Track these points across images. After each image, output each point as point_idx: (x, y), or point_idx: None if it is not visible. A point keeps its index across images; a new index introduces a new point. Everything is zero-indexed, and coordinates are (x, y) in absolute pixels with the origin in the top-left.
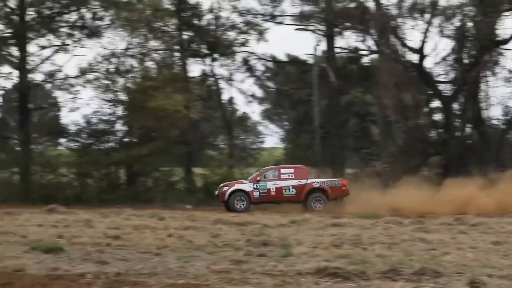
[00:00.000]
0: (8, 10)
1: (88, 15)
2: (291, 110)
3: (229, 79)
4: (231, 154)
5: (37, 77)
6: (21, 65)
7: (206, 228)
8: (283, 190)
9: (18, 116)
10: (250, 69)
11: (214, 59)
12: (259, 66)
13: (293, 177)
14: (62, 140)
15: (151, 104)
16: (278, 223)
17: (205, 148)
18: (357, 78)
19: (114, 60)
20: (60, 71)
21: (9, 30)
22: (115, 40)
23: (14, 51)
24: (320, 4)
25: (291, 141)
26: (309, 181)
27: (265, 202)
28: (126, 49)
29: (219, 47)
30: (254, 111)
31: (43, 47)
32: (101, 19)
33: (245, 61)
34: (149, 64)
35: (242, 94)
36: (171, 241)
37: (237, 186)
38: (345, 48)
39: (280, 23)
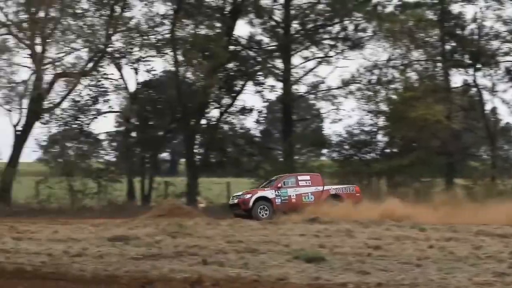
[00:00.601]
0: (273, 23)
1: (351, 27)
2: None
3: (492, 89)
4: (494, 165)
5: (301, 88)
6: (285, 77)
7: (467, 239)
8: (303, 197)
9: (282, 127)
10: None
11: (477, 69)
12: None
13: (310, 184)
14: (324, 151)
15: (412, 115)
16: None
17: (467, 158)
18: None
19: (376, 71)
20: (323, 82)
21: (274, 43)
22: (377, 51)
23: (279, 63)
24: None
25: None
26: (326, 187)
27: (286, 209)
28: (388, 60)
29: (482, 57)
30: None
31: (306, 59)
32: (363, 30)
33: (509, 71)
34: (411, 74)
35: (506, 104)
36: (432, 252)
37: (260, 193)
38: None
39: None
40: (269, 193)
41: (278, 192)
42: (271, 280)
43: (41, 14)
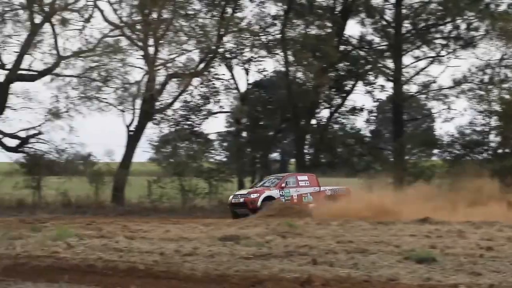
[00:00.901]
0: (384, 23)
1: (463, 26)
2: None
3: None
4: None
5: (412, 88)
6: (396, 77)
7: None
8: (303, 197)
9: (392, 127)
10: None
11: None
12: None
13: (308, 184)
14: (435, 151)
15: None
16: None
17: None
18: None
19: (488, 70)
20: (434, 82)
21: (385, 43)
22: (490, 50)
23: (389, 63)
24: None
25: None
26: (322, 188)
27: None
28: (501, 59)
29: None
30: None
31: (417, 59)
32: (476, 29)
33: None
34: None
35: None
36: None
37: (267, 193)
38: None
39: None
40: (275, 192)
41: (282, 192)
42: (382, 280)
43: (154, 15)
